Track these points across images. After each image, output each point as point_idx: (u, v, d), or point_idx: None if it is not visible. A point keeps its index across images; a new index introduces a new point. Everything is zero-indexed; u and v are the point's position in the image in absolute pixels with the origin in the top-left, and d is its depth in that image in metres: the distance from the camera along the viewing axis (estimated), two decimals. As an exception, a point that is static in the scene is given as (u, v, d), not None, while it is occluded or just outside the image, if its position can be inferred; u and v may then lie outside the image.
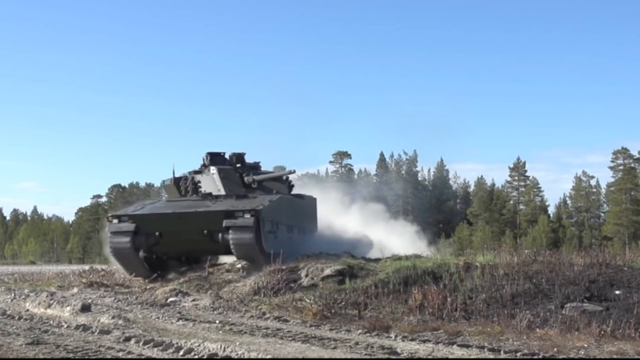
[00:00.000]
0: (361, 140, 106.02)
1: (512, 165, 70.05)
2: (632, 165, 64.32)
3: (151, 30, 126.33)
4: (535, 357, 7.33)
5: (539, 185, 69.73)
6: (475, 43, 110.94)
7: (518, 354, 7.39)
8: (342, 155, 74.91)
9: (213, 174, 19.17)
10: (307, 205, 21.39)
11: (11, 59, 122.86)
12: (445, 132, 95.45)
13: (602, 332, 8.27)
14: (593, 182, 69.54)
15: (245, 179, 19.39)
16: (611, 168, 65.37)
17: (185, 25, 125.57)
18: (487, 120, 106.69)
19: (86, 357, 7.33)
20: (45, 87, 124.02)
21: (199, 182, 19.17)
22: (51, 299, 12.66)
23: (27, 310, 12.19)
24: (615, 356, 7.34)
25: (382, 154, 74.24)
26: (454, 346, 7.86)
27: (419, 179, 74.40)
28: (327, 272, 13.67)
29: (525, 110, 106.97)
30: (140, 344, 7.99)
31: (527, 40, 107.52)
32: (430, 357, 7.39)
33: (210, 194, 18.40)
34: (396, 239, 25.50)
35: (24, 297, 13.80)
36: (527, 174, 69.94)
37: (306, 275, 13.82)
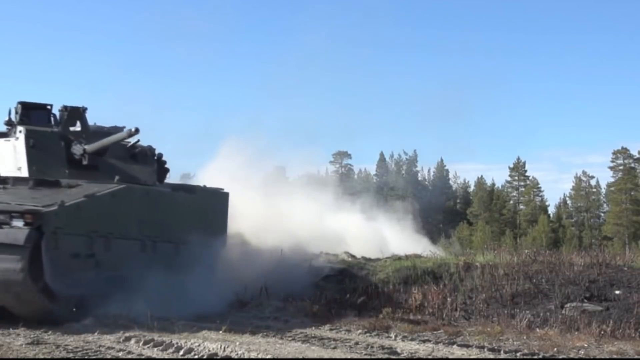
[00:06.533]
0: (361, 140, 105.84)
1: (512, 165, 70.02)
2: (632, 165, 64.22)
3: (150, 30, 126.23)
4: (535, 357, 7.33)
5: (539, 185, 69.69)
6: (475, 43, 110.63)
7: (518, 354, 7.40)
8: (342, 155, 74.83)
9: (18, 138, 11.18)
10: (204, 205, 12.22)
11: (11, 59, 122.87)
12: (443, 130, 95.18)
13: (602, 332, 8.28)
14: (593, 182, 69.59)
15: (73, 148, 11.34)
16: (611, 168, 65.31)
17: (185, 25, 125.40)
18: (487, 120, 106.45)
19: (86, 357, 7.32)
20: (45, 86, 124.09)
21: None
22: (51, 299, 12.62)
23: (27, 310, 12.16)
24: (615, 356, 7.35)
25: (382, 154, 74.27)
26: (454, 346, 7.87)
27: (419, 179, 74.34)
28: (327, 272, 13.67)
29: (525, 110, 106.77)
30: (140, 344, 7.99)
31: (527, 40, 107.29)
32: (430, 357, 7.39)
33: None
34: (393, 237, 25.20)
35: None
36: (527, 174, 69.89)
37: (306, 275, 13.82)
